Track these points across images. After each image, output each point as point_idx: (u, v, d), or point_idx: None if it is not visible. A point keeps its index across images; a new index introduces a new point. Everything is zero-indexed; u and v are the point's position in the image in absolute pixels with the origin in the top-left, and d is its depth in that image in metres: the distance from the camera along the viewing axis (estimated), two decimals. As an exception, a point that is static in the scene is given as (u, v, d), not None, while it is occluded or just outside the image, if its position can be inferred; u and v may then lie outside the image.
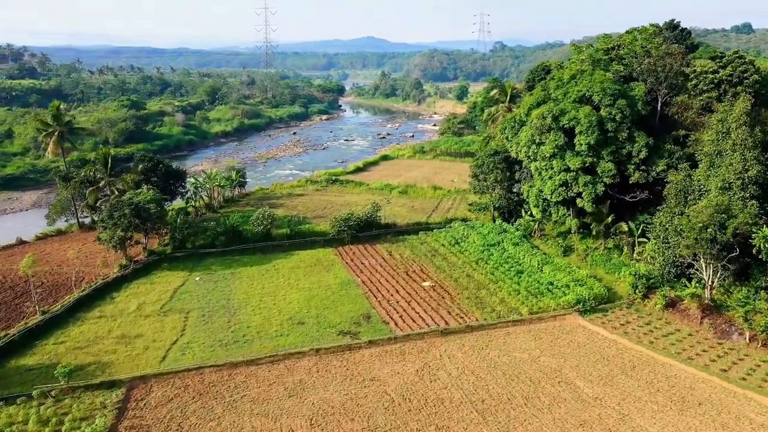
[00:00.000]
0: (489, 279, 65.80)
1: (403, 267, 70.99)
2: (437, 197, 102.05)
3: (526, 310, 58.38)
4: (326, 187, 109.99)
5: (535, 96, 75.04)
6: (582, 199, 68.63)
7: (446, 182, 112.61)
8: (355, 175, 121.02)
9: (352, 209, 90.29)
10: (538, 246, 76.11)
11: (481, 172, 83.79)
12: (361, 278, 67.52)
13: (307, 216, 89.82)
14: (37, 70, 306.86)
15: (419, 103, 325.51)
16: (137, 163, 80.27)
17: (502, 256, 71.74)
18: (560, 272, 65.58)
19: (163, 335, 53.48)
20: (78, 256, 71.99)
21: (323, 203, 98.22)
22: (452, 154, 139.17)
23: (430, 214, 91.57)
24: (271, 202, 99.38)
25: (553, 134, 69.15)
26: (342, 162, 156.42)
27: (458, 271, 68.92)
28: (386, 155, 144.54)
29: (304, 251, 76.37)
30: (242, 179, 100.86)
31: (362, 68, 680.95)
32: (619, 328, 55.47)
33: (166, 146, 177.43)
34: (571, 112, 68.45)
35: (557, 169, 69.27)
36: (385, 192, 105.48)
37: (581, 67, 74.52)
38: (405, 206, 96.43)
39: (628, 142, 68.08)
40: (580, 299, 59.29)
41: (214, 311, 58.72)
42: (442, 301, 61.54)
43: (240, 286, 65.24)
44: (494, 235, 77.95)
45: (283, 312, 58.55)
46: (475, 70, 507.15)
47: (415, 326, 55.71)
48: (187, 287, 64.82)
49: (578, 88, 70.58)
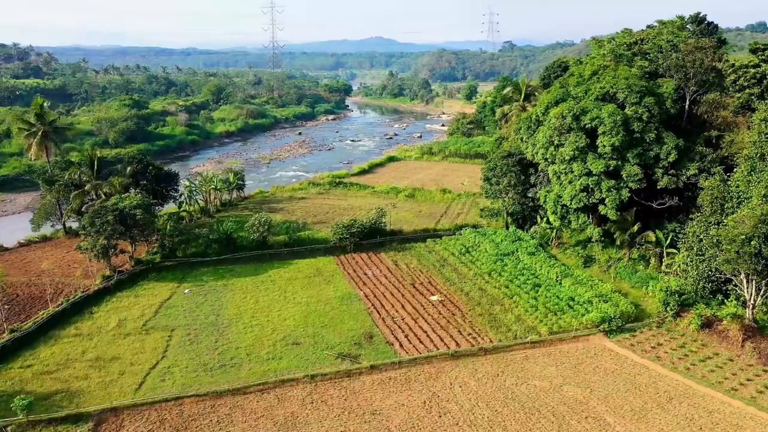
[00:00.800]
0: (503, 293, 59.91)
1: (409, 278, 65.22)
2: (446, 201, 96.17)
3: (545, 330, 52.46)
4: (329, 190, 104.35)
5: (553, 94, 69.06)
6: (605, 205, 62.59)
7: (456, 185, 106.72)
8: (359, 178, 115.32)
9: (355, 214, 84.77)
10: (556, 256, 70.11)
11: (494, 175, 77.86)
12: (364, 291, 61.80)
13: (307, 221, 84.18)
14: (42, 70, 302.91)
15: (427, 103, 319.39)
16: (125, 165, 74.87)
17: (516, 267, 65.82)
18: (581, 286, 59.56)
19: (142, 357, 47.95)
20: (58, 266, 66.75)
21: (325, 208, 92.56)
22: (462, 155, 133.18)
23: (439, 220, 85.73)
24: (270, 206, 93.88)
25: (573, 135, 63.17)
26: (347, 163, 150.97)
27: (469, 283, 63.08)
28: (393, 156, 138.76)
29: (303, 260, 70.76)
30: (240, 182, 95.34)
31: (370, 68, 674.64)
32: (650, 351, 49.44)
33: (168, 146, 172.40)
34: (593, 110, 62.47)
35: (578, 172, 63.26)
36: (391, 195, 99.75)
37: (603, 63, 68.42)
38: (412, 211, 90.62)
39: (655, 144, 62.00)
40: (605, 317, 53.29)
41: (202, 329, 53.15)
42: (452, 318, 55.71)
43: (232, 299, 59.67)
44: (508, 243, 72.02)
45: (277, 330, 52.90)
46: (484, 70, 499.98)
47: (422, 348, 49.93)
48: (174, 301, 59.31)
49: (601, 85, 64.59)
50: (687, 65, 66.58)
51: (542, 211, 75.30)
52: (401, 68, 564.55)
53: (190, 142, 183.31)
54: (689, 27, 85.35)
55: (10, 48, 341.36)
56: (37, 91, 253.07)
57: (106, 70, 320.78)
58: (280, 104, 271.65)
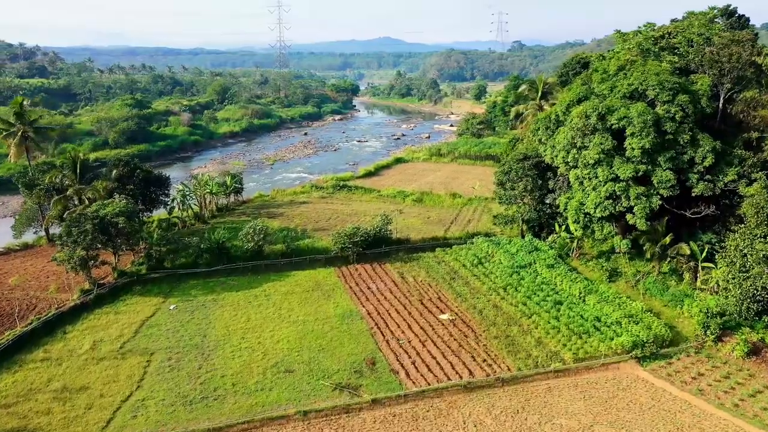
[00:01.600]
0: (521, 311, 53.77)
1: (416, 293, 59.20)
2: (456, 206, 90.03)
3: (569, 356, 46.31)
4: (332, 194, 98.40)
5: (574, 91, 62.83)
6: (633, 215, 56.31)
7: (466, 188, 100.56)
8: (365, 180, 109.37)
9: (359, 220, 79.01)
10: (577, 268, 63.87)
11: (508, 179, 71.69)
12: (367, 308, 55.83)
13: (307, 228, 78.28)
14: (47, 69, 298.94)
15: (435, 103, 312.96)
16: (110, 169, 69.21)
17: (534, 281, 59.68)
18: (608, 304, 53.31)
19: (114, 388, 42.18)
20: (35, 278, 61.28)
21: (328, 213, 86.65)
22: (471, 156, 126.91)
23: (449, 227, 79.64)
24: (269, 210, 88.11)
25: (598, 136, 56.94)
26: (353, 164, 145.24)
27: (483, 299, 56.99)
28: (400, 158, 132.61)
29: (301, 272, 64.86)
30: (238, 185, 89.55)
31: (378, 68, 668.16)
32: (690, 382, 43.20)
33: (169, 147, 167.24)
34: (620, 109, 56.20)
35: (603, 178, 57.03)
36: (397, 200, 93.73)
37: (629, 57, 62.09)
38: (420, 217, 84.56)
39: (689, 146, 55.66)
40: (637, 342, 47.04)
41: (185, 353, 47.33)
42: (465, 340, 49.61)
43: (221, 317, 53.85)
44: (524, 254, 65.86)
45: (269, 355, 47.02)
46: (493, 69, 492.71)
47: (431, 377, 43.92)
48: (157, 318, 53.55)
49: (629, 81, 58.30)
50: (722, 60, 60.19)
51: (560, 218, 69.13)
52: (409, 68, 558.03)
53: (192, 143, 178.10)
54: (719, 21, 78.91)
55: (16, 48, 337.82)
56: (40, 90, 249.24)
57: (111, 70, 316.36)
58: (286, 104, 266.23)
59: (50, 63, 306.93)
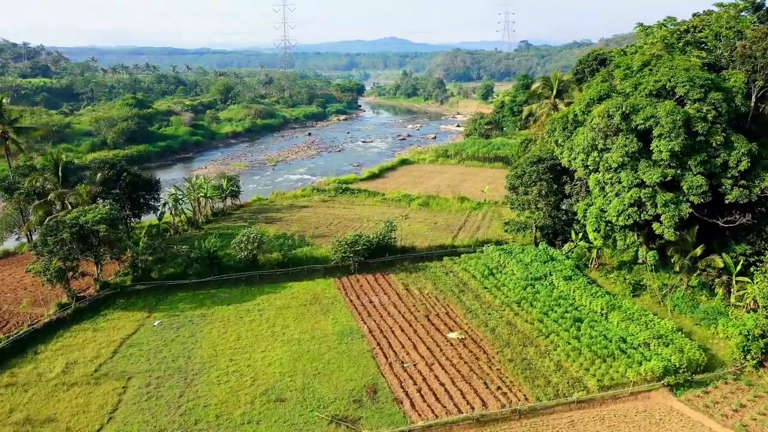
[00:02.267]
0: (537, 330, 48.72)
1: (423, 308, 54.24)
2: (464, 211, 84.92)
3: (593, 384, 41.24)
4: (334, 198, 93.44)
5: (595, 89, 57.68)
6: (661, 223, 51.18)
7: (474, 192, 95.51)
8: (368, 183, 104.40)
9: (362, 226, 74.19)
10: (596, 281, 58.73)
11: (521, 183, 66.65)
12: (369, 325, 50.90)
13: (306, 235, 73.39)
14: (50, 69, 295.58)
15: (441, 103, 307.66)
16: (95, 172, 64.52)
17: (551, 295, 54.62)
18: (634, 323, 48.20)
19: (83, 420, 37.45)
20: (11, 289, 56.72)
21: (329, 218, 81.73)
22: (480, 158, 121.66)
23: (457, 234, 74.59)
24: (268, 215, 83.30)
25: (622, 138, 51.83)
26: (357, 165, 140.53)
27: (495, 315, 51.98)
28: (405, 159, 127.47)
29: (299, 283, 60.00)
30: (235, 188, 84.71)
31: (384, 68, 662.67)
32: (732, 416, 38.09)
33: (170, 147, 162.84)
34: (646, 108, 51.06)
35: (627, 183, 51.91)
36: (402, 204, 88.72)
37: (655, 52, 56.91)
38: (426, 222, 79.54)
39: (723, 149, 50.47)
40: (669, 367, 41.99)
41: (166, 377, 42.57)
42: (476, 363, 44.62)
43: (209, 335, 49.04)
44: (539, 264, 60.81)
45: (258, 380, 42.18)
46: (500, 69, 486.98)
47: (439, 408, 38.96)
48: (140, 336, 48.81)
49: (655, 78, 53.15)
50: (756, 54, 54.95)
51: (577, 225, 64.06)
52: (415, 68, 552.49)
53: (193, 143, 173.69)
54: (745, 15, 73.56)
55: (20, 47, 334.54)
56: (42, 90, 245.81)
57: (114, 69, 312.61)
58: (290, 104, 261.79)
59: (53, 62, 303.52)
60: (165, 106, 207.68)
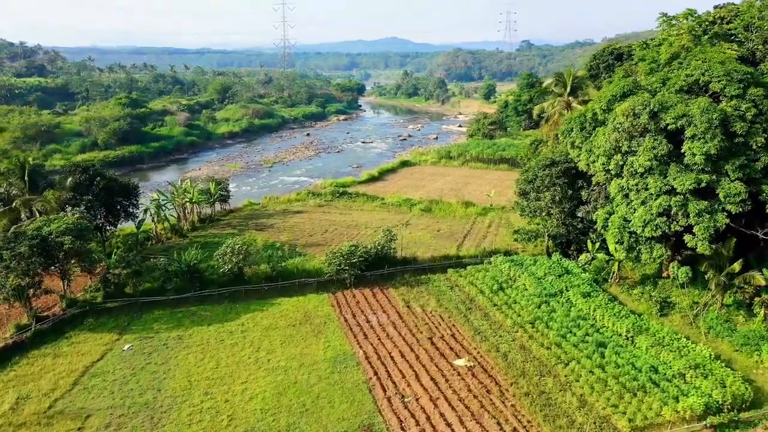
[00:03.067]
0: (555, 356, 42.81)
1: (425, 329, 48.32)
2: (469, 217, 78.95)
3: (624, 424, 35.29)
4: (330, 202, 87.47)
5: (617, 84, 51.65)
6: (693, 235, 45.28)
7: (479, 196, 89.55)
8: (367, 186, 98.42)
9: (359, 234, 68.37)
10: (617, 297, 52.80)
11: (533, 188, 60.78)
12: (365, 349, 45.03)
13: (299, 243, 67.51)
14: (46, 68, 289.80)
15: (443, 103, 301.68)
16: (65, 176, 58.61)
17: (569, 314, 48.68)
18: (665, 349, 42.26)
19: (26, 472, 31.62)
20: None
21: (324, 224, 75.82)
22: (484, 160, 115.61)
23: (462, 242, 68.69)
24: (259, 222, 77.38)
25: (649, 139, 45.91)
26: (357, 167, 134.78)
27: (507, 338, 46.06)
28: (406, 161, 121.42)
29: (288, 299, 54.10)
30: (224, 192, 78.78)
31: (385, 68, 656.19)
32: (790, 467, 32.18)
33: (164, 148, 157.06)
34: (677, 106, 45.17)
35: (655, 190, 46.01)
36: (403, 209, 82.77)
37: (684, 43, 50.95)
38: (428, 229, 73.60)
39: (764, 151, 44.57)
40: (710, 404, 36.10)
41: (130, 416, 36.64)
42: (487, 398, 38.69)
43: (184, 361, 43.17)
44: (553, 278, 54.88)
45: (237, 419, 36.25)
46: (501, 69, 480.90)
47: (445, 456, 33.10)
48: (105, 363, 42.94)
49: (687, 72, 47.25)
50: (796, 47, 49.09)
51: (593, 234, 58.16)
52: (416, 68, 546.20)
53: (188, 144, 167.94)
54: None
55: (17, 47, 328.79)
56: (37, 89, 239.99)
57: (111, 69, 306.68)
58: (289, 104, 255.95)
59: (49, 62, 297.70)
60: (160, 106, 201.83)
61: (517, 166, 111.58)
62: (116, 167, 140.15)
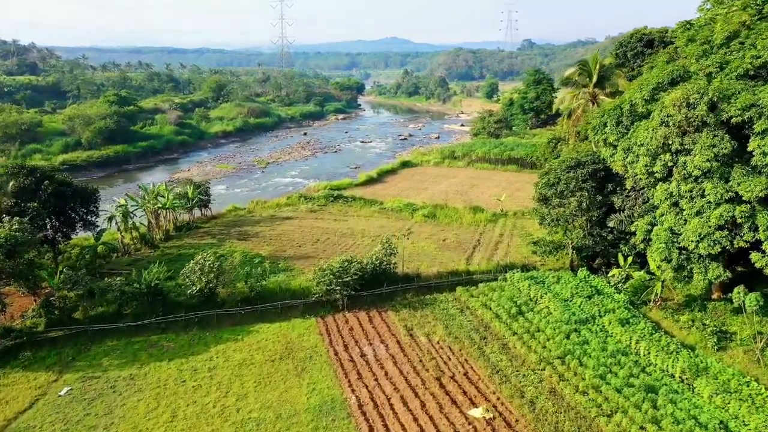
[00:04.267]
0: (595, 404, 34.00)
1: (432, 365, 39.50)
2: (478, 224, 70.06)
3: None
4: (324, 207, 78.54)
5: (663, 70, 42.86)
6: (763, 253, 36.49)
7: (488, 199, 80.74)
8: (365, 189, 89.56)
9: (354, 244, 59.78)
10: (661, 324, 43.91)
11: (555, 193, 51.96)
12: (358, 393, 36.21)
13: (285, 256, 58.63)
14: (38, 66, 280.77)
15: (444, 102, 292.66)
16: (7, 179, 49.53)
17: (605, 347, 39.85)
18: (734, 397, 33.40)
19: None
20: None
21: (316, 232, 67.00)
22: (491, 160, 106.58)
23: (471, 254, 59.85)
24: (243, 229, 68.57)
25: (707, 135, 37.13)
26: (355, 168, 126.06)
27: (532, 378, 37.26)
28: (407, 161, 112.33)
29: (269, 325, 45.27)
30: (203, 197, 69.84)
31: (385, 68, 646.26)
32: None
33: (152, 148, 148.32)
34: (742, 94, 36.42)
35: (715, 197, 37.22)
36: (404, 215, 73.85)
37: (746, 19, 42.10)
38: (433, 239, 64.76)
39: None
40: (808, 480, 27.30)
41: (49, 494, 27.88)
42: (514, 466, 29.88)
43: (133, 411, 34.33)
44: (582, 301, 46.03)
45: (187, 500, 27.47)
46: (502, 69, 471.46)
47: None
48: (34, 414, 34.11)
49: (753, 53, 38.46)
50: None
51: (625, 246, 49.34)
52: (417, 68, 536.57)
53: (179, 143, 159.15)
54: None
55: (9, 45, 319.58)
56: (27, 88, 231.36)
57: (104, 67, 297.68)
58: (287, 102, 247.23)
59: (42, 60, 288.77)
60: (151, 104, 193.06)
61: (526, 167, 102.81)
62: (101, 168, 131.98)
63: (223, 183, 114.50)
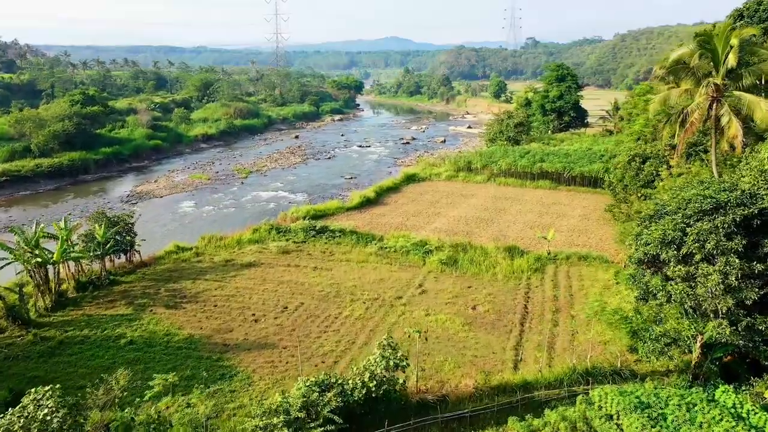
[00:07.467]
0: None
1: None
2: (519, 277, 47.54)
3: None
4: (302, 245, 55.88)
5: None
6: None
7: (521, 230, 58.63)
8: (360, 215, 67.09)
9: (341, 315, 37.99)
10: None
11: (676, 257, 29.71)
12: None
13: (229, 343, 36.31)
14: (16, 64, 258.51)
15: (448, 101, 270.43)
16: None
17: None
18: None
19: None
20: None
21: (285, 292, 44.58)
22: (518, 174, 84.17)
23: (519, 338, 37.41)
24: (180, 286, 46.08)
25: None
26: (350, 178, 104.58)
27: None
28: (413, 175, 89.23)
29: None
30: (120, 237, 47.33)
31: (385, 67, 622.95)
32: None
33: (118, 154, 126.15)
34: None
35: None
36: (413, 260, 51.26)
37: None
38: (457, 305, 42.38)
39: None
40: None
41: None
42: None
43: None
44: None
45: None
46: (506, 68, 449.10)
47: None
48: None
49: None
50: None
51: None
52: (417, 67, 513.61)
53: (151, 149, 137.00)
54: None
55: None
56: (0, 86, 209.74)
57: (85, 64, 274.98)
58: (279, 102, 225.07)
59: (19, 56, 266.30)
60: (125, 105, 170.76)
61: (560, 182, 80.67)
62: (52, 179, 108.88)
63: (192, 198, 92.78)
